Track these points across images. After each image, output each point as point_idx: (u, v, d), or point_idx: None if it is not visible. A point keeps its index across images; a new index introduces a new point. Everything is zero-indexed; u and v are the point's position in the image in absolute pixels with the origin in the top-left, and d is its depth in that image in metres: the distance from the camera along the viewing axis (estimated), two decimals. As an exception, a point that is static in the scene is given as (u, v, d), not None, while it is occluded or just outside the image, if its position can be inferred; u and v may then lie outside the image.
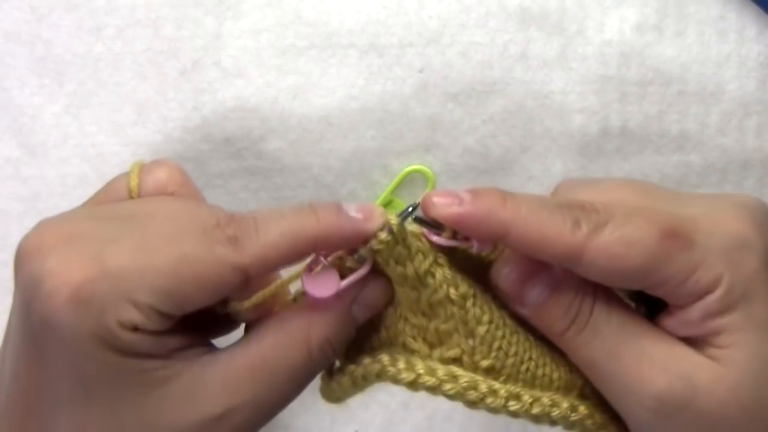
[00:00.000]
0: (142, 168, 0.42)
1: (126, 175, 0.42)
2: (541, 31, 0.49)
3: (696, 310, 0.35)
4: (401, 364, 0.38)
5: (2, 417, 0.37)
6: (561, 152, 0.49)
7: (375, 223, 0.37)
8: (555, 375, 0.39)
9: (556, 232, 0.35)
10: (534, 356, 0.39)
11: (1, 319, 0.39)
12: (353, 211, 0.37)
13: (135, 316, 0.34)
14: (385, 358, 0.38)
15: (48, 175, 0.50)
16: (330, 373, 0.40)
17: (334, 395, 0.40)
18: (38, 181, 0.50)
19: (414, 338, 0.39)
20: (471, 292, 0.38)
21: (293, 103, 0.49)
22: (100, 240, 0.35)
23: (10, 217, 0.50)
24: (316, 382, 0.40)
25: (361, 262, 0.37)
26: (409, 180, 0.50)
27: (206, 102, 0.49)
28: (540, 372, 0.39)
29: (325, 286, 0.37)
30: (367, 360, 0.39)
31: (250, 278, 0.36)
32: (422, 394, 0.39)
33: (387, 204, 0.50)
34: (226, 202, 0.50)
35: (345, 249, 0.37)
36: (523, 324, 0.39)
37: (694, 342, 0.36)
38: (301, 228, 0.36)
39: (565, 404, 0.38)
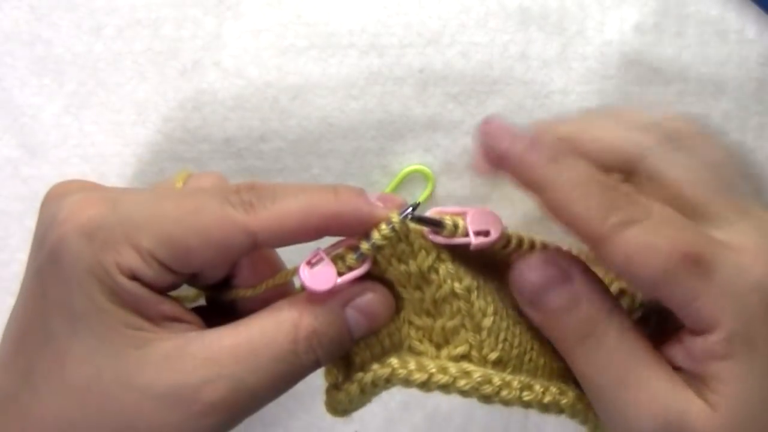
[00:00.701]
0: (189, 177, 0.42)
1: (168, 181, 0.42)
2: (541, 31, 0.49)
3: (698, 346, 0.35)
4: (412, 365, 0.38)
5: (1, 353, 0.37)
6: (561, 152, 0.49)
7: (385, 211, 0.37)
8: (555, 365, 0.39)
9: (586, 214, 0.34)
10: (535, 347, 0.39)
11: (1, 319, 0.39)
12: (374, 199, 0.37)
13: (134, 261, 0.34)
14: (394, 361, 0.38)
15: (48, 175, 0.50)
16: (336, 386, 0.40)
17: (340, 406, 0.40)
18: (38, 181, 0.50)
19: (420, 341, 0.39)
20: (474, 284, 0.38)
21: (293, 103, 0.49)
22: (120, 191, 0.37)
23: (10, 217, 0.50)
24: (316, 383, 0.40)
25: (361, 260, 0.37)
26: (409, 180, 0.50)
27: (206, 102, 0.49)
28: (541, 361, 0.39)
29: (323, 280, 0.37)
30: (375, 366, 0.39)
31: (258, 246, 0.36)
32: (421, 395, 0.39)
33: (387, 204, 0.50)
34: (226, 202, 0.50)
35: (357, 235, 0.37)
36: (522, 315, 0.39)
37: (695, 379, 0.35)
38: (318, 203, 0.36)
39: (571, 393, 0.38)
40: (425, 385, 0.38)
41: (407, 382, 0.38)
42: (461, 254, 0.39)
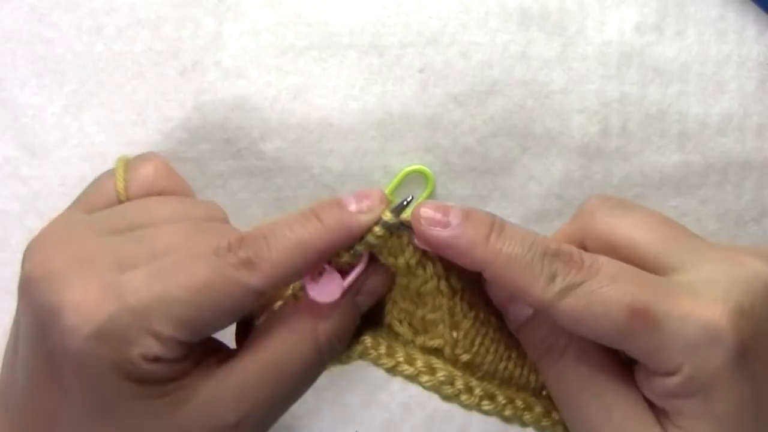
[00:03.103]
0: (128, 165, 0.42)
1: (112, 173, 0.42)
2: (541, 31, 0.49)
3: (660, 385, 0.35)
4: (382, 349, 0.39)
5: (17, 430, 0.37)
6: (561, 152, 0.49)
7: (377, 213, 0.37)
8: (532, 377, 0.39)
9: (529, 284, 0.35)
10: (514, 356, 0.39)
11: (1, 319, 0.39)
12: (353, 203, 0.37)
13: (156, 348, 0.35)
14: (368, 340, 0.39)
15: (48, 175, 0.50)
16: None
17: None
18: (38, 181, 0.50)
19: (400, 321, 0.40)
20: (460, 286, 0.38)
21: (293, 103, 0.49)
22: (112, 264, 0.36)
23: (10, 217, 0.50)
24: (316, 383, 0.40)
25: (357, 256, 0.38)
26: (409, 180, 0.50)
27: (206, 102, 0.49)
28: (518, 372, 0.39)
29: (330, 290, 0.37)
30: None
31: (264, 295, 0.36)
32: (423, 395, 0.39)
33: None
34: (226, 203, 0.50)
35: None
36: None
37: (658, 410, 0.36)
38: (310, 239, 0.36)
39: (538, 408, 0.38)
40: (391, 371, 0.39)
41: (376, 363, 0.39)
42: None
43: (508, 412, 0.38)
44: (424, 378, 0.38)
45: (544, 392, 0.40)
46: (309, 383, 0.39)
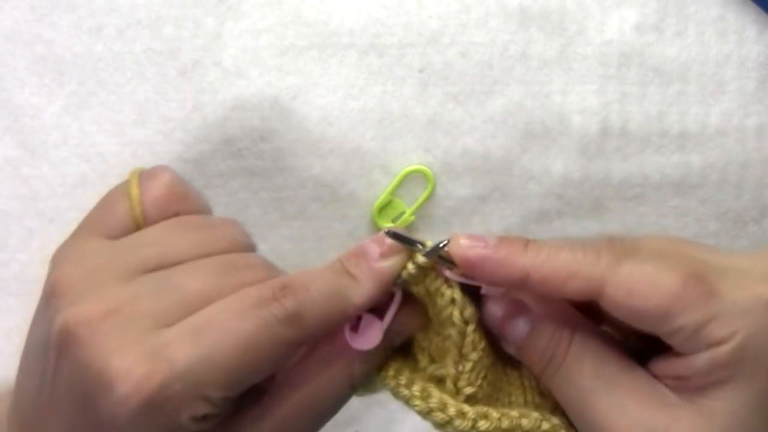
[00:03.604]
0: (140, 183, 0.41)
1: (123, 191, 0.41)
2: (541, 31, 0.49)
3: (702, 359, 0.34)
4: (391, 371, 0.39)
5: None
6: (561, 152, 0.49)
7: (396, 258, 0.38)
8: (537, 400, 0.39)
9: (576, 266, 0.35)
10: (514, 382, 0.40)
11: (2, 319, 0.39)
12: (376, 250, 0.37)
13: (206, 409, 0.35)
14: (392, 368, 0.39)
15: (48, 175, 0.50)
16: None
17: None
18: (38, 181, 0.50)
19: (421, 350, 0.40)
20: (475, 317, 0.38)
21: (293, 103, 0.49)
22: (150, 320, 0.35)
23: (10, 217, 0.50)
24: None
25: (391, 295, 0.38)
26: (409, 180, 0.50)
27: (206, 102, 0.49)
28: (521, 399, 0.39)
29: (371, 337, 0.38)
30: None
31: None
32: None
33: (387, 204, 0.50)
34: (226, 203, 0.50)
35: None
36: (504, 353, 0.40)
37: (681, 388, 0.35)
38: (349, 302, 0.37)
39: (535, 414, 0.38)
40: (392, 392, 0.39)
41: (384, 385, 0.39)
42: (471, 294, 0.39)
43: (505, 424, 0.38)
44: (416, 402, 0.38)
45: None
46: (335, 413, 0.39)
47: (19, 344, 0.51)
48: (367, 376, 0.39)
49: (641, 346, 0.38)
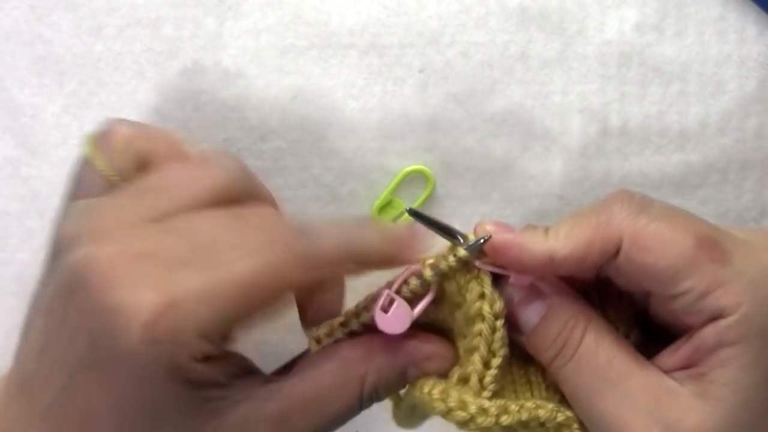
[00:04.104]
0: (96, 141, 0.40)
1: (85, 159, 0.40)
2: (541, 31, 0.49)
3: (708, 333, 0.34)
4: (419, 387, 0.39)
5: (44, 421, 0.36)
6: (561, 152, 0.49)
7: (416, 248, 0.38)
8: (544, 393, 0.39)
9: (594, 232, 0.35)
10: (524, 377, 0.40)
11: (1, 319, 0.39)
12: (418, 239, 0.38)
13: (208, 349, 0.35)
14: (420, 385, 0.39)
15: (48, 175, 0.50)
16: (396, 402, 0.42)
17: (400, 421, 0.43)
18: (38, 181, 0.50)
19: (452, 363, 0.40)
20: (503, 312, 0.38)
21: (293, 103, 0.49)
22: (159, 259, 0.35)
23: (10, 217, 0.50)
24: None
25: (425, 286, 0.38)
26: (409, 180, 0.50)
27: (206, 102, 0.49)
28: (519, 395, 0.39)
29: (400, 321, 0.37)
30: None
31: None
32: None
33: (387, 204, 0.50)
34: (226, 202, 0.50)
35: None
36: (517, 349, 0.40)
37: (687, 379, 0.35)
38: (360, 254, 0.37)
39: (550, 405, 0.38)
40: (416, 398, 0.39)
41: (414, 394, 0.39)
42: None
43: (524, 416, 0.38)
44: (437, 404, 0.38)
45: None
46: (342, 421, 0.39)
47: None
48: (376, 395, 0.39)
49: (642, 341, 0.38)
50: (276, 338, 0.49)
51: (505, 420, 0.37)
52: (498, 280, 0.38)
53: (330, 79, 0.49)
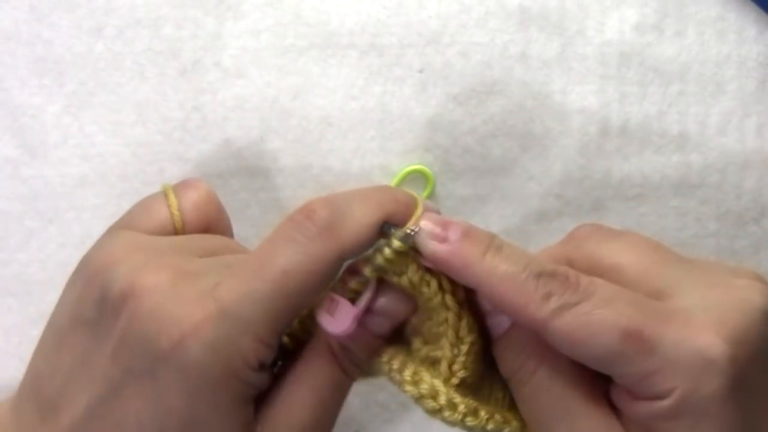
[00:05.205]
0: (176, 190, 0.42)
1: (159, 196, 0.42)
2: (541, 31, 0.49)
3: (644, 407, 0.34)
4: (385, 357, 0.38)
5: None
6: (561, 152, 0.49)
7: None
8: (504, 395, 0.39)
9: (523, 302, 0.34)
10: (493, 381, 0.39)
11: (2, 319, 0.39)
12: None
13: (261, 352, 0.35)
14: (386, 353, 0.39)
15: (48, 175, 0.50)
16: None
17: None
18: (38, 181, 0.50)
19: (416, 332, 0.39)
20: (465, 301, 0.38)
21: (293, 103, 0.49)
22: (204, 278, 0.36)
23: (10, 217, 0.50)
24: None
25: (364, 283, 0.38)
26: (409, 180, 0.50)
27: (206, 102, 0.49)
28: (500, 394, 0.39)
29: (342, 320, 0.37)
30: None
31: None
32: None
33: (387, 204, 0.50)
34: (226, 203, 0.49)
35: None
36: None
37: (633, 426, 0.35)
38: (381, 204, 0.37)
39: (515, 422, 0.38)
40: (386, 375, 0.39)
41: (380, 370, 0.39)
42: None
43: (490, 427, 0.38)
44: (409, 388, 0.38)
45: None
46: (341, 400, 0.39)
47: (19, 344, 0.51)
48: (359, 359, 0.38)
49: None
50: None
51: (470, 422, 0.37)
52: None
53: (330, 79, 0.49)
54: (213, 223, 0.43)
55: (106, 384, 0.36)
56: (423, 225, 0.36)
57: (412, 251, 0.37)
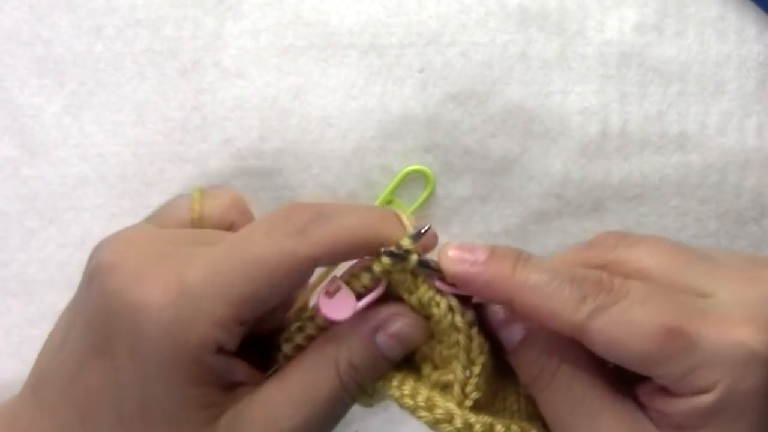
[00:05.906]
0: (204, 194, 0.42)
1: (189, 196, 0.43)
2: (541, 31, 0.49)
3: (685, 404, 0.34)
4: (395, 381, 0.38)
5: (50, 413, 0.37)
6: (561, 152, 0.49)
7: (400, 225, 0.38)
8: (530, 409, 0.39)
9: (559, 308, 0.34)
10: (510, 389, 0.39)
11: (1, 319, 0.39)
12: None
13: (219, 335, 0.35)
14: (393, 376, 0.39)
15: (48, 175, 0.50)
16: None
17: (362, 400, 0.41)
18: (38, 181, 0.50)
19: (425, 358, 0.39)
20: (474, 321, 0.38)
21: (293, 103, 0.49)
22: (180, 262, 0.36)
23: (10, 217, 0.50)
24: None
25: (376, 281, 0.37)
26: (409, 180, 0.50)
27: (206, 102, 0.49)
28: (515, 407, 0.39)
29: (343, 308, 0.37)
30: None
31: (319, 265, 0.37)
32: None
33: (387, 204, 0.50)
34: (226, 202, 0.50)
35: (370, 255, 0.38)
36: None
37: (663, 423, 0.35)
38: (373, 237, 0.37)
39: (533, 430, 0.38)
40: (397, 401, 0.38)
41: (393, 397, 0.39)
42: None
43: None
44: (423, 413, 0.38)
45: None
46: (334, 414, 0.38)
47: (19, 344, 0.51)
48: (356, 372, 0.38)
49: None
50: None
51: None
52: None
53: (330, 79, 0.49)
54: (237, 226, 0.43)
55: (75, 362, 0.36)
56: (449, 252, 0.36)
57: (424, 271, 0.37)
